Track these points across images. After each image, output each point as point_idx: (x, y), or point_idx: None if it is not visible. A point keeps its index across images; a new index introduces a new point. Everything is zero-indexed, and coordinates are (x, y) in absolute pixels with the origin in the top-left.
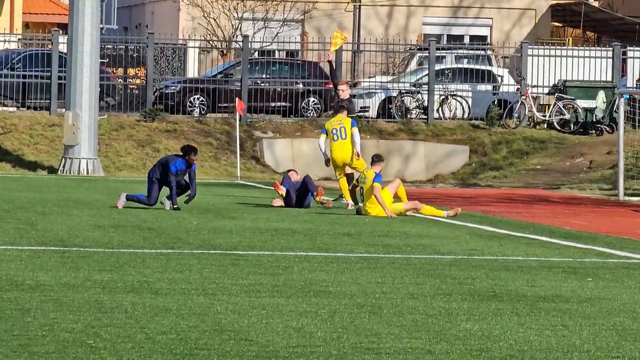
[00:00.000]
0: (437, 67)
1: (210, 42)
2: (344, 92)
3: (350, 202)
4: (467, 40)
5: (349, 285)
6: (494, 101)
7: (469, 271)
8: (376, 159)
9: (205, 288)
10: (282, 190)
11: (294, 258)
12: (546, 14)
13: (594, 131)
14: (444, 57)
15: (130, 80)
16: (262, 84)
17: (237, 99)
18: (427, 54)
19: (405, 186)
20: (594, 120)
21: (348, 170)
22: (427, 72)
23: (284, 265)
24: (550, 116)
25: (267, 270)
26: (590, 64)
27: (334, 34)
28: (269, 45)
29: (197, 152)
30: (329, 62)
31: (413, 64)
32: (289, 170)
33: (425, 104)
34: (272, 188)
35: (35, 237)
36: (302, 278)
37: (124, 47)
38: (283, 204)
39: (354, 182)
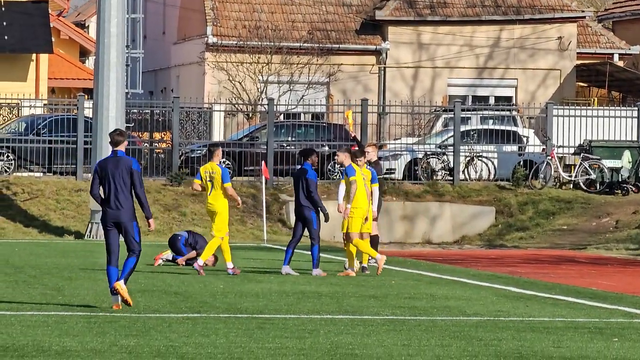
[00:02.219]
0: (463, 128)
1: (236, 105)
2: (371, 154)
3: (355, 266)
4: (492, 101)
5: (375, 348)
6: (520, 162)
7: (495, 332)
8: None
9: (232, 352)
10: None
11: (320, 321)
12: (571, 74)
13: (619, 191)
14: (469, 118)
15: (156, 144)
16: (288, 147)
17: (262, 162)
18: (453, 115)
19: (432, 248)
20: (620, 180)
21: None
22: (452, 133)
23: (310, 328)
24: (576, 176)
25: (294, 333)
26: (615, 124)
27: (347, 113)
28: (294, 108)
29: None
30: (354, 137)
31: (438, 126)
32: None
33: (451, 165)
34: (300, 251)
35: (62, 302)
36: (328, 341)
37: (149, 111)
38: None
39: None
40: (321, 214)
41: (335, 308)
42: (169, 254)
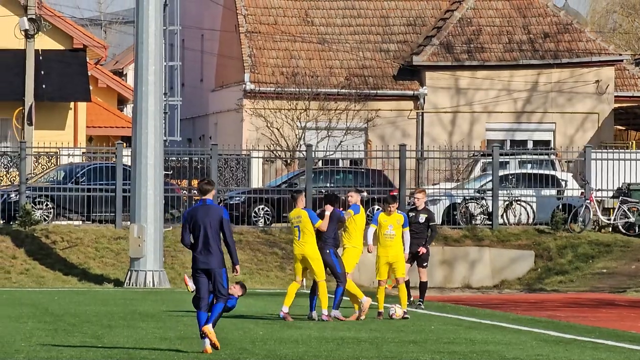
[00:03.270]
0: (501, 172)
1: (274, 152)
2: (420, 200)
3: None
4: (530, 145)
5: None
6: (559, 206)
7: None
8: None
9: None
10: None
11: None
12: (609, 117)
13: None
14: (507, 162)
15: (195, 191)
16: (327, 193)
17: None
18: (491, 160)
19: (471, 292)
20: None
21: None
22: (491, 177)
23: None
24: (615, 219)
25: None
26: None
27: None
28: (332, 154)
29: None
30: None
31: (477, 170)
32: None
33: (490, 209)
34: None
35: (102, 350)
36: None
37: (188, 158)
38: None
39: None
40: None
41: (374, 354)
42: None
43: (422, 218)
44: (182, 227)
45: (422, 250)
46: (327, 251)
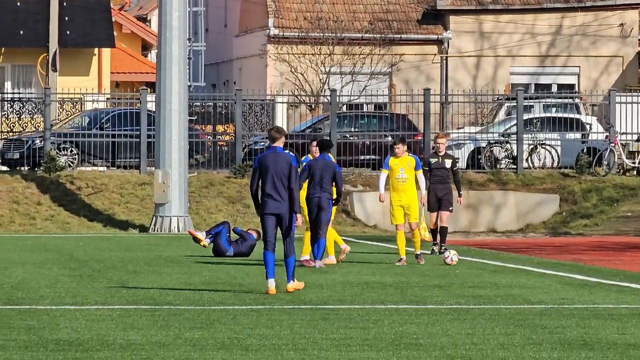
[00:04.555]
0: (526, 116)
1: (298, 97)
2: (443, 145)
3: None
4: (554, 89)
5: (439, 337)
6: (583, 149)
7: (559, 320)
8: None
9: (296, 343)
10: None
11: (384, 311)
12: (633, 60)
13: None
14: (532, 106)
15: (219, 137)
16: (351, 138)
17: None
18: (515, 104)
19: (496, 236)
20: None
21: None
22: (515, 121)
23: (375, 318)
24: (639, 163)
25: (358, 324)
26: None
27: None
28: (356, 99)
29: None
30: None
31: (501, 114)
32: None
33: (514, 153)
34: (364, 242)
35: (127, 296)
36: (392, 331)
37: (212, 104)
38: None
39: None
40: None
41: (399, 298)
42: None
43: (448, 163)
44: (252, 173)
45: (460, 200)
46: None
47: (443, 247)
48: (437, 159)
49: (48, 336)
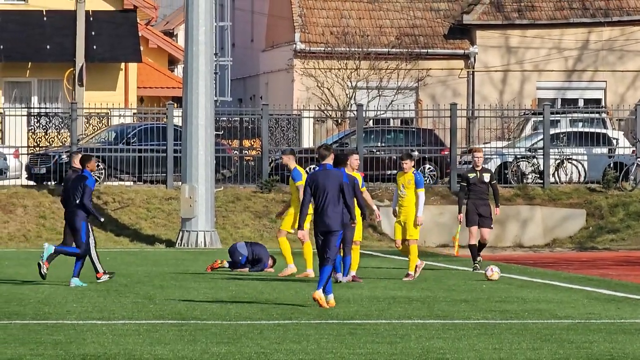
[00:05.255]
0: (552, 131)
1: (325, 111)
2: (480, 159)
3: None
4: (581, 103)
5: (466, 352)
6: (610, 164)
7: (586, 335)
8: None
9: (323, 358)
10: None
11: (412, 326)
12: None
13: None
14: (558, 121)
15: (246, 151)
16: (378, 152)
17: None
18: (542, 119)
19: (523, 251)
20: None
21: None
22: (542, 136)
23: (401, 333)
24: None
25: (385, 338)
26: None
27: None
28: (383, 114)
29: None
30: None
31: (528, 129)
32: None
33: (541, 168)
34: (391, 256)
35: (153, 310)
36: (419, 346)
37: (238, 118)
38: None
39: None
40: None
41: (426, 313)
42: (225, 264)
43: (487, 177)
44: (303, 191)
45: (498, 211)
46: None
47: (477, 261)
48: (475, 174)
49: (75, 351)
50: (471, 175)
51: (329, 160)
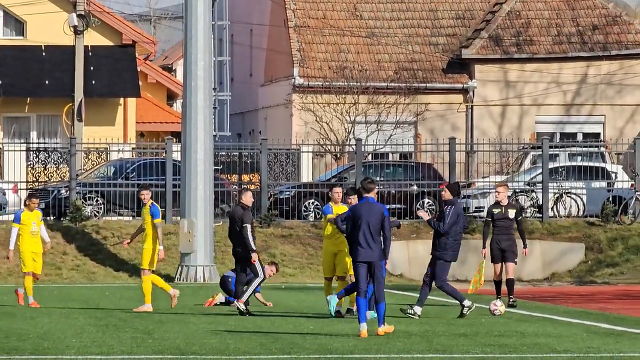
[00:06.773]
0: (551, 165)
1: (324, 146)
2: (502, 194)
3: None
4: (580, 137)
5: None
6: (609, 198)
7: None
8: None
9: None
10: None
11: None
12: None
13: None
14: (557, 155)
15: (245, 186)
16: (377, 187)
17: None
18: (541, 153)
19: (522, 285)
20: None
21: None
22: (541, 170)
23: None
24: None
25: None
26: None
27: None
28: (382, 148)
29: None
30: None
31: (527, 163)
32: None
33: (540, 202)
34: (390, 291)
35: (152, 345)
36: None
37: (237, 153)
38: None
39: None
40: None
41: (425, 347)
42: (221, 297)
43: (512, 213)
44: (345, 221)
45: (526, 252)
46: None
47: (512, 299)
48: (500, 210)
49: None
50: (496, 211)
51: (372, 194)
